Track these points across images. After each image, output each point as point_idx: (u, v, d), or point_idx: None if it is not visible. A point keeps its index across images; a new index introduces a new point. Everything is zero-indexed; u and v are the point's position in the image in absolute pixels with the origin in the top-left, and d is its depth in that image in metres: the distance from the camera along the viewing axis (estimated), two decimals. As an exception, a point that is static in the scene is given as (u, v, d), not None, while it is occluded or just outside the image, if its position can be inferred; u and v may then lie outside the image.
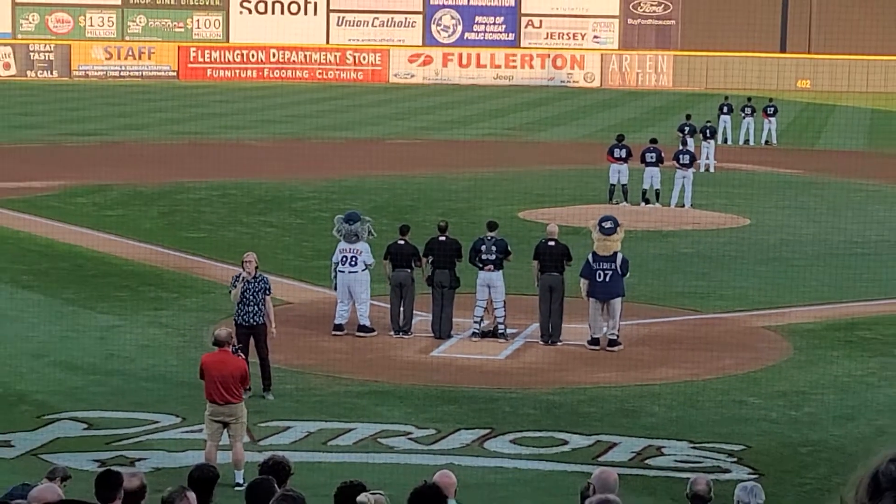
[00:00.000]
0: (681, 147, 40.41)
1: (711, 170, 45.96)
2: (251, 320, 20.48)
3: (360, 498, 11.48)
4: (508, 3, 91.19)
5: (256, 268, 20.89)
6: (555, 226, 25.09)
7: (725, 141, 53.41)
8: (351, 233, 23.80)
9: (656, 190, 39.36)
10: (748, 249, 32.80)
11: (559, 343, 23.64)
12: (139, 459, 17.23)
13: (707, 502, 12.92)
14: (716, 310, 26.61)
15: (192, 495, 11.90)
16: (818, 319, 25.82)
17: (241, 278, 20.69)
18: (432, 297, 23.97)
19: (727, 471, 17.31)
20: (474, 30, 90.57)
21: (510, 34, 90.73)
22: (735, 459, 18.08)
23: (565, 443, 18.73)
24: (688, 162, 39.50)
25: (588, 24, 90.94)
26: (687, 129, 45.53)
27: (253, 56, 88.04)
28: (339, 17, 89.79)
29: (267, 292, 20.77)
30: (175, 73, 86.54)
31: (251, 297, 20.53)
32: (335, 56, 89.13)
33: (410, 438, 18.80)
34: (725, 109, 56.06)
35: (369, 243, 24.00)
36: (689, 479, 13.91)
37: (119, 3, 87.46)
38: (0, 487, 12.57)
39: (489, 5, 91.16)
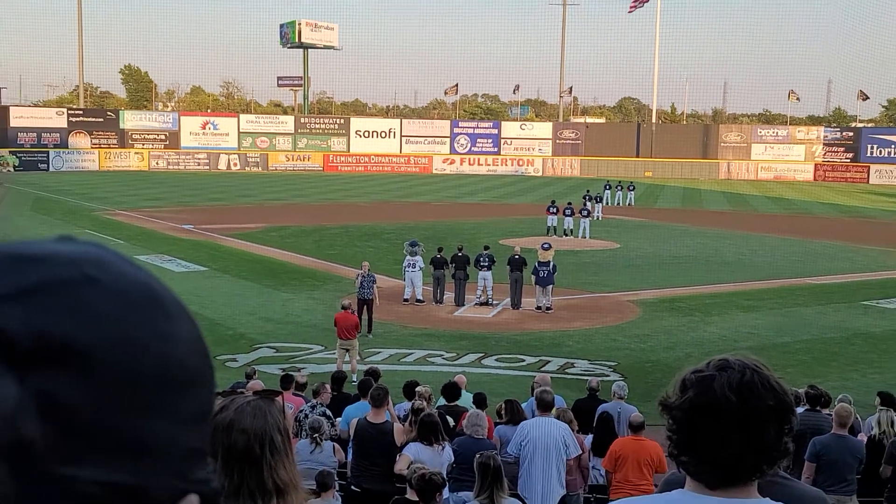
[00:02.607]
0: (583, 206, 40.34)
1: (600, 219, 45.75)
2: (366, 296, 20.54)
3: (418, 388, 11.51)
4: (494, 132, 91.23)
5: (369, 269, 21.02)
6: (518, 247, 25.06)
7: (607, 204, 53.13)
8: (413, 251, 23.90)
9: (570, 229, 39.20)
10: (619, 260, 32.66)
11: (520, 309, 23.57)
12: (302, 368, 17.21)
13: (597, 392, 12.89)
14: (602, 291, 26.45)
15: (328, 386, 11.95)
16: (655, 297, 25.67)
17: (360, 275, 20.81)
18: (455, 284, 23.98)
19: (608, 376, 17.24)
20: (476, 145, 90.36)
21: (495, 147, 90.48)
22: (612, 370, 18.03)
23: (523, 360, 18.68)
24: (586, 214, 39.30)
25: (535, 143, 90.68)
26: (587, 197, 45.44)
27: (362, 159, 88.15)
28: (406, 139, 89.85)
29: (374, 282, 20.87)
30: (321, 168, 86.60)
31: (366, 284, 20.60)
32: (404, 159, 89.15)
33: (443, 359, 18.74)
34: (607, 187, 55.78)
35: (422, 256, 24.02)
36: (588, 379, 13.90)
37: (293, 132, 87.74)
38: (229, 383, 12.62)
39: (484, 133, 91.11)
